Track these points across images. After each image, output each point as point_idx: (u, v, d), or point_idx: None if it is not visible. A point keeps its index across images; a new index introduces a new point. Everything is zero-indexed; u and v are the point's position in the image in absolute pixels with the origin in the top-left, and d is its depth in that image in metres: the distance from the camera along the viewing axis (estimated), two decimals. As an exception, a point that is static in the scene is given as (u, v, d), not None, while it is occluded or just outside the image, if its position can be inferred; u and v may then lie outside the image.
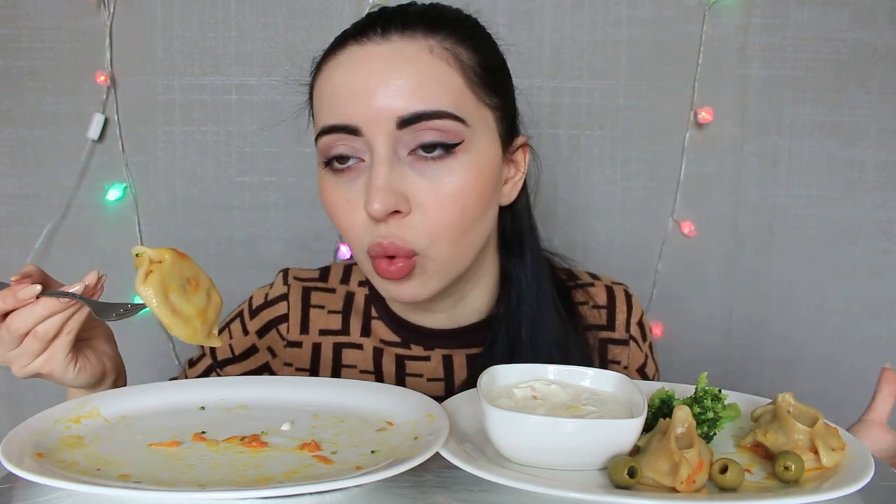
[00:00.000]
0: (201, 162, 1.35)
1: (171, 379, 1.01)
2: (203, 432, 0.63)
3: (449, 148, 0.72)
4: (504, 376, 0.65)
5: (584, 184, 1.36)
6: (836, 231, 1.39)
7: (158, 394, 0.70)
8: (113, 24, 1.31)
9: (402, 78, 0.71)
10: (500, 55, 0.82)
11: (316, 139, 0.77)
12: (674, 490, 0.53)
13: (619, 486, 0.54)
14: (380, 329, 0.89)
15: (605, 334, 0.91)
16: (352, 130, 0.73)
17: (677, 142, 1.35)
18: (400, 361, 0.88)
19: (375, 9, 0.80)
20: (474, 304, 0.87)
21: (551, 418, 0.56)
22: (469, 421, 0.63)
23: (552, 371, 0.66)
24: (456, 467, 0.54)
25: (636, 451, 0.58)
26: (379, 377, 0.88)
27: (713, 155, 1.36)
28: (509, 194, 0.83)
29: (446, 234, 0.74)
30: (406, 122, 0.71)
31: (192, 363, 0.95)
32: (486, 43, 0.80)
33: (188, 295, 0.67)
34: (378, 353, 0.88)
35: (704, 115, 1.33)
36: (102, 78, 1.30)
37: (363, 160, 0.74)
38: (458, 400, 0.67)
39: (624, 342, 0.91)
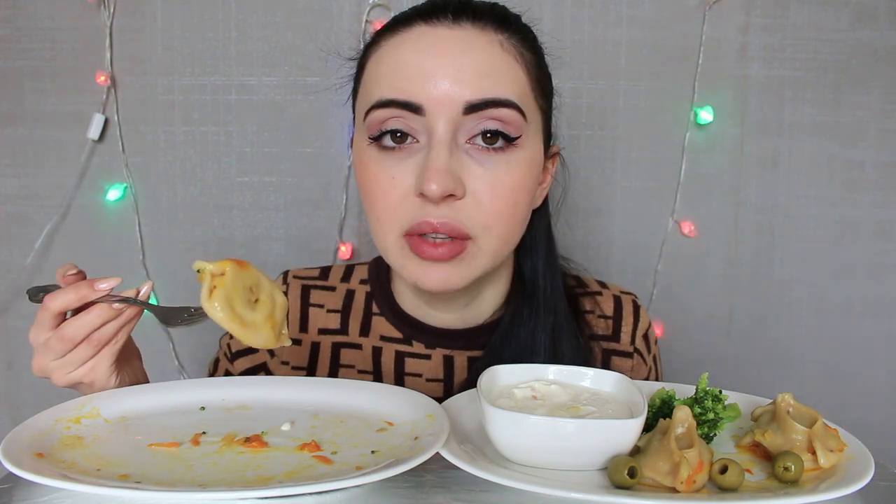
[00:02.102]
0: (201, 162, 1.35)
1: None
2: (203, 432, 0.63)
3: (510, 140, 0.73)
4: (504, 376, 0.65)
5: (584, 184, 1.36)
6: (836, 231, 1.39)
7: (158, 394, 0.70)
8: (113, 24, 1.31)
9: (473, 65, 0.72)
10: (544, 59, 0.83)
11: (366, 112, 0.75)
12: (674, 490, 0.53)
13: (619, 487, 0.54)
14: (380, 325, 0.89)
15: (609, 345, 0.90)
16: (414, 108, 0.72)
17: (677, 142, 1.35)
18: (399, 358, 0.87)
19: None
20: (486, 304, 0.87)
21: (551, 418, 0.56)
22: (469, 421, 0.63)
23: (552, 371, 0.66)
24: (456, 467, 0.54)
25: (636, 451, 0.58)
26: (377, 375, 0.87)
27: (713, 155, 1.36)
28: (539, 199, 0.84)
29: (497, 226, 0.74)
30: (473, 107, 0.71)
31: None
32: (539, 48, 0.82)
33: (253, 304, 0.66)
34: (377, 352, 0.88)
35: (704, 115, 1.33)
36: (102, 78, 1.30)
37: (417, 141, 0.74)
38: (459, 400, 0.67)
39: (628, 355, 0.91)
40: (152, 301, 1.37)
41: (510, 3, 1.00)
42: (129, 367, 0.75)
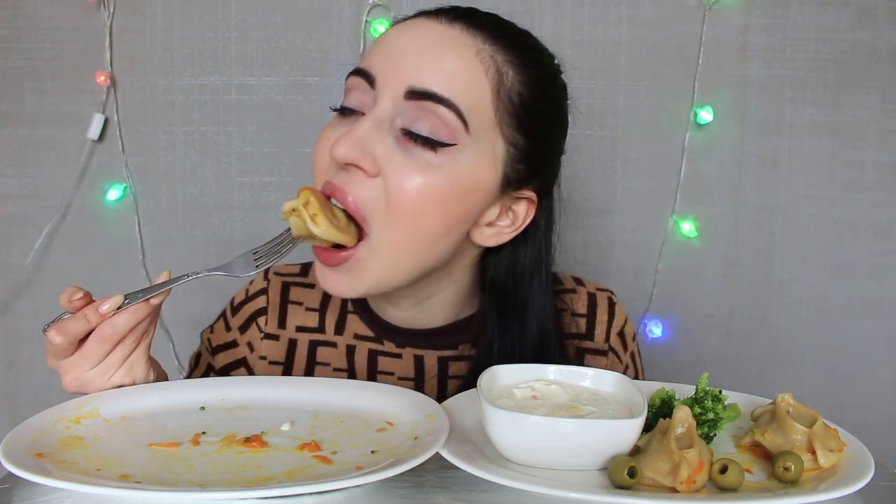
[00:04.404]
0: (201, 162, 1.35)
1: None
2: (203, 432, 0.63)
3: (440, 141, 0.70)
4: (504, 376, 0.65)
5: (584, 184, 1.36)
6: (836, 231, 1.39)
7: (158, 394, 0.70)
8: (113, 24, 1.31)
9: (435, 58, 0.71)
10: (552, 105, 0.79)
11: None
12: (674, 490, 0.53)
13: (619, 486, 0.54)
14: (354, 323, 0.89)
15: (583, 343, 0.89)
16: (369, 79, 0.73)
17: (677, 142, 1.35)
18: (372, 357, 0.87)
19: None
20: (439, 308, 0.85)
21: (551, 418, 0.56)
22: (469, 421, 0.63)
23: (552, 371, 0.66)
24: (456, 467, 0.54)
25: (636, 451, 0.58)
26: (351, 373, 0.88)
27: (713, 155, 1.36)
28: (489, 238, 0.78)
29: (397, 224, 0.71)
30: (415, 94, 0.70)
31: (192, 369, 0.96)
32: (544, 86, 0.78)
33: (335, 213, 0.71)
34: (351, 350, 0.88)
35: (704, 115, 1.33)
36: (102, 78, 1.30)
37: (365, 114, 0.73)
38: (458, 400, 0.67)
39: (602, 353, 0.89)
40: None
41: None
42: (155, 362, 0.76)
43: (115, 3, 1.30)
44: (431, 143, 0.71)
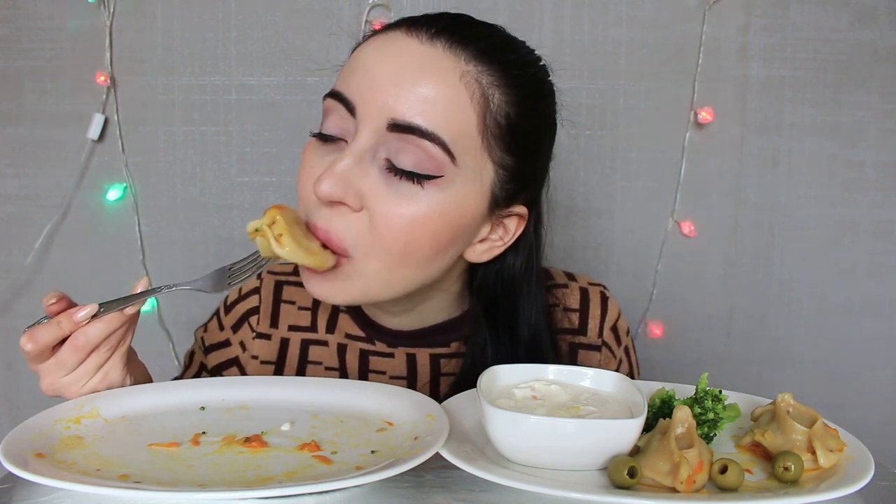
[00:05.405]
0: (201, 162, 1.35)
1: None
2: (203, 432, 0.63)
3: (425, 175, 0.69)
4: (504, 376, 0.65)
5: (584, 184, 1.36)
6: (836, 231, 1.39)
7: (158, 394, 0.70)
8: (113, 24, 1.31)
9: (417, 86, 0.68)
10: (541, 120, 0.78)
11: (324, 99, 0.75)
12: (674, 490, 0.54)
13: (619, 486, 0.54)
14: (345, 323, 0.88)
15: (576, 339, 0.89)
16: (349, 107, 0.71)
17: (677, 142, 1.35)
18: (364, 357, 0.87)
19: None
20: (431, 312, 0.85)
21: (551, 418, 0.57)
22: (469, 421, 0.63)
23: (552, 371, 0.66)
24: (456, 467, 0.54)
25: (636, 451, 0.58)
26: (343, 373, 0.88)
27: (713, 155, 1.36)
28: (482, 254, 0.78)
29: (385, 255, 0.70)
30: (397, 127, 0.68)
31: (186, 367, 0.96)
32: (532, 102, 0.75)
33: (308, 235, 0.70)
34: (342, 349, 0.88)
35: (704, 115, 1.33)
36: (102, 78, 1.30)
37: (346, 142, 0.72)
38: (458, 400, 0.67)
39: (596, 348, 0.89)
40: (152, 302, 1.37)
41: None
42: (134, 364, 0.75)
43: (115, 3, 1.30)
44: (417, 177, 0.69)
